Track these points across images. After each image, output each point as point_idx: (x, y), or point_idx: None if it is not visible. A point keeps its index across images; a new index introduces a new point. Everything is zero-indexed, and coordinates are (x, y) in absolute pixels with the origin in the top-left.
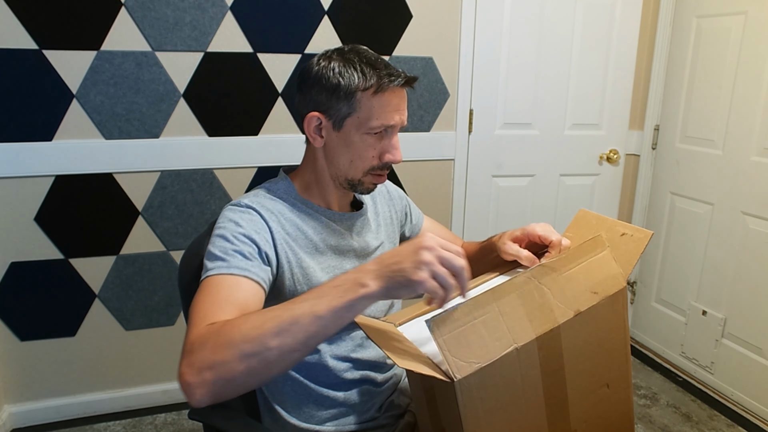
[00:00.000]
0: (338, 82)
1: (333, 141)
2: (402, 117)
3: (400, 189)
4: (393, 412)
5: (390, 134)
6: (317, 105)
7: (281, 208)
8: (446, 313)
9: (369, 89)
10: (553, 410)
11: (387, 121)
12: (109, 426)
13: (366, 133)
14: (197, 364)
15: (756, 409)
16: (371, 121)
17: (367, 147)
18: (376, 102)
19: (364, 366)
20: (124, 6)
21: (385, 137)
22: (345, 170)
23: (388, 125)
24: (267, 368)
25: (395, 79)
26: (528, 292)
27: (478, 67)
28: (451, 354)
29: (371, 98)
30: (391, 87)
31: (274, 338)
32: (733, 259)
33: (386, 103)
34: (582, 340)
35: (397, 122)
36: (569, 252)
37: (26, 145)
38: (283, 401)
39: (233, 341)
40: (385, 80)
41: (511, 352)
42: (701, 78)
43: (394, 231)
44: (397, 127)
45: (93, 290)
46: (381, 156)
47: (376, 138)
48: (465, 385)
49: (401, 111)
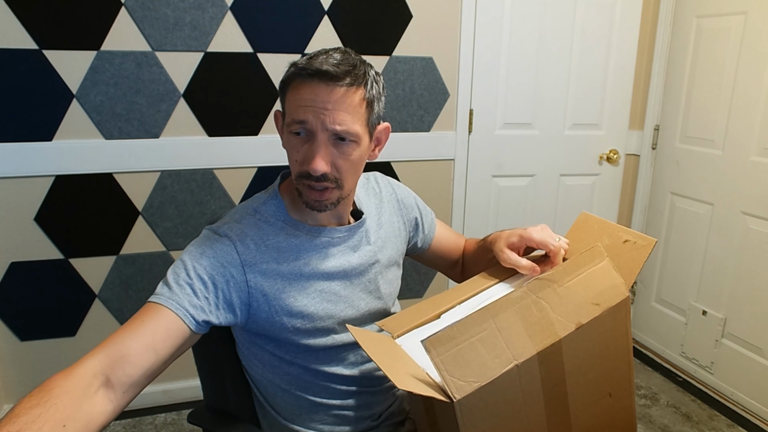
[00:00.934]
0: (284, 76)
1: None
2: (321, 117)
3: (411, 195)
4: (393, 420)
5: (313, 138)
6: (281, 102)
7: (266, 233)
8: (442, 332)
9: (288, 81)
10: (555, 422)
11: (296, 116)
12: (109, 426)
13: (289, 133)
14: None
15: (756, 409)
16: (288, 116)
17: (291, 148)
18: (292, 95)
19: (359, 381)
20: (124, 6)
21: (307, 142)
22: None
23: (297, 120)
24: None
25: (305, 70)
26: (525, 307)
27: (478, 67)
28: (449, 374)
29: (290, 92)
30: (300, 79)
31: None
32: (733, 259)
33: (299, 97)
34: (584, 352)
35: (308, 120)
36: (566, 264)
37: (26, 145)
38: (278, 409)
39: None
40: (295, 71)
41: (512, 369)
42: (701, 78)
43: (401, 243)
44: (317, 131)
45: (93, 290)
46: (302, 163)
47: (299, 140)
48: (465, 405)
49: (319, 110)
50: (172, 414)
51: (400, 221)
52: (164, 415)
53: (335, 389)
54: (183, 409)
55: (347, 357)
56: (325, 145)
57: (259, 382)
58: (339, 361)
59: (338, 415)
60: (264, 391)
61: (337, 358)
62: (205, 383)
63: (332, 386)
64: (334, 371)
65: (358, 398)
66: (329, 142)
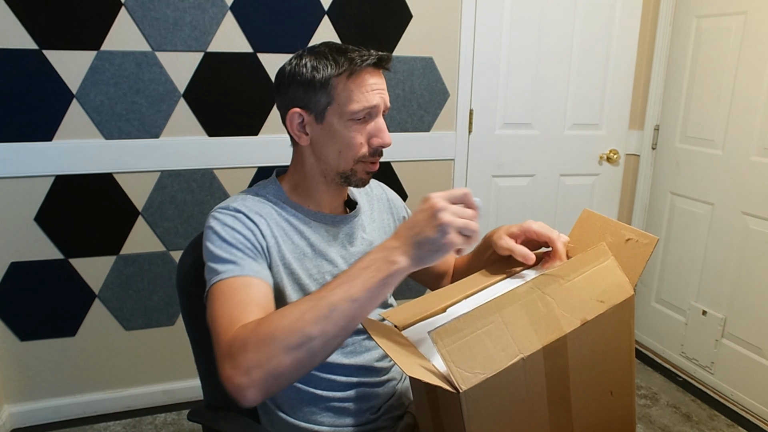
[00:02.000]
0: (312, 75)
1: (318, 135)
2: (383, 97)
3: (400, 200)
4: (392, 414)
5: (374, 117)
6: (296, 101)
7: (269, 210)
8: (449, 323)
9: (343, 74)
10: (557, 418)
11: (367, 102)
12: (109, 426)
13: (349, 120)
14: (244, 365)
15: (756, 409)
16: (351, 105)
17: (353, 134)
18: (352, 85)
19: (358, 371)
20: (124, 6)
21: (369, 121)
22: (335, 163)
23: (369, 106)
24: (312, 358)
25: (367, 58)
26: (531, 302)
27: (478, 67)
28: (455, 365)
29: (347, 83)
30: (364, 67)
31: (315, 327)
32: (733, 259)
33: (363, 84)
34: (588, 349)
35: (378, 102)
36: (572, 261)
37: (26, 145)
38: (279, 403)
39: (275, 337)
40: (357, 61)
41: (517, 362)
42: (701, 78)
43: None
44: (380, 109)
45: (93, 290)
46: (369, 142)
47: (360, 124)
48: (470, 396)
49: (381, 91)
50: (172, 414)
51: (390, 218)
52: (164, 415)
53: (335, 381)
54: (183, 409)
55: (346, 344)
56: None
57: None
58: (338, 349)
59: (338, 408)
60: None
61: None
62: (205, 380)
63: (332, 378)
64: (334, 360)
65: (358, 391)
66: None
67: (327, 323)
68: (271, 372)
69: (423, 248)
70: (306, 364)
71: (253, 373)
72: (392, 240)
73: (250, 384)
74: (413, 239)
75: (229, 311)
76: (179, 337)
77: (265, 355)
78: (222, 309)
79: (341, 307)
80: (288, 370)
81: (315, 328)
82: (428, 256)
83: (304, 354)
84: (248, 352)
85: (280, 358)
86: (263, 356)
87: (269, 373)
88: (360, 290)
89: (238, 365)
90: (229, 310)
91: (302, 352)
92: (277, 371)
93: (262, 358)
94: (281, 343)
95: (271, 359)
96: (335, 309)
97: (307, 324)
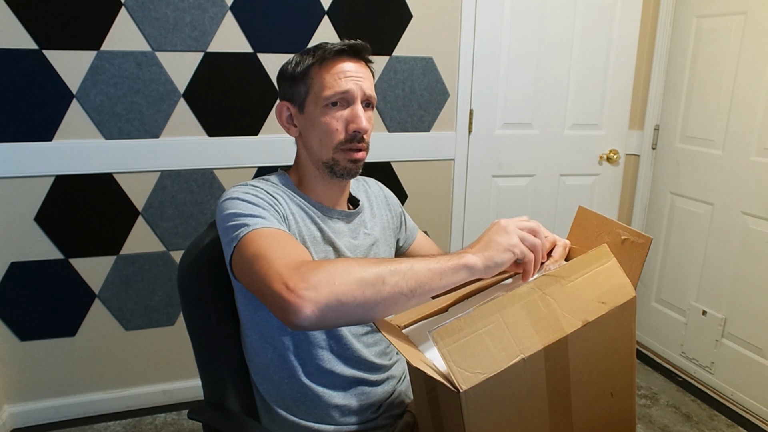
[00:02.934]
0: (293, 69)
1: (302, 125)
2: (360, 85)
3: (395, 197)
4: (392, 412)
5: (351, 104)
6: (285, 95)
7: (280, 196)
8: (449, 323)
9: (316, 63)
10: (557, 419)
11: (339, 87)
12: (109, 426)
13: (324, 107)
14: (314, 280)
15: (756, 409)
16: (324, 92)
17: (328, 120)
18: (325, 73)
19: (359, 366)
20: (124, 6)
21: (346, 107)
22: (318, 152)
23: (341, 91)
24: (375, 304)
25: (336, 46)
26: (532, 303)
27: (478, 67)
28: (456, 364)
29: (320, 70)
30: (334, 55)
31: (391, 276)
32: (733, 259)
33: (336, 71)
34: (589, 350)
35: (351, 88)
36: (573, 262)
37: (26, 145)
38: (280, 400)
39: (352, 269)
40: (328, 49)
41: (518, 363)
42: (701, 78)
43: (391, 236)
44: (356, 95)
45: (93, 290)
46: (346, 128)
47: (336, 110)
48: (470, 396)
49: (357, 79)
50: (172, 414)
51: (389, 214)
52: (164, 415)
53: (336, 379)
54: (183, 409)
55: (346, 344)
56: (362, 108)
57: (267, 369)
58: (339, 349)
59: (339, 406)
60: (268, 381)
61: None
62: (205, 379)
63: (333, 376)
64: (335, 358)
65: (358, 389)
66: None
67: (401, 277)
68: (338, 296)
69: (491, 248)
70: (368, 306)
71: (321, 290)
72: (465, 248)
73: (314, 299)
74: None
75: (281, 247)
76: (179, 337)
77: (338, 279)
78: (272, 245)
79: (417, 268)
80: (352, 303)
81: (391, 276)
82: (496, 256)
83: (372, 293)
84: (320, 272)
85: (352, 286)
86: (335, 280)
87: (336, 296)
88: (436, 266)
89: (307, 279)
90: (281, 247)
91: (371, 291)
92: (343, 298)
93: (334, 280)
94: (357, 274)
95: (342, 285)
96: (412, 269)
97: (384, 269)
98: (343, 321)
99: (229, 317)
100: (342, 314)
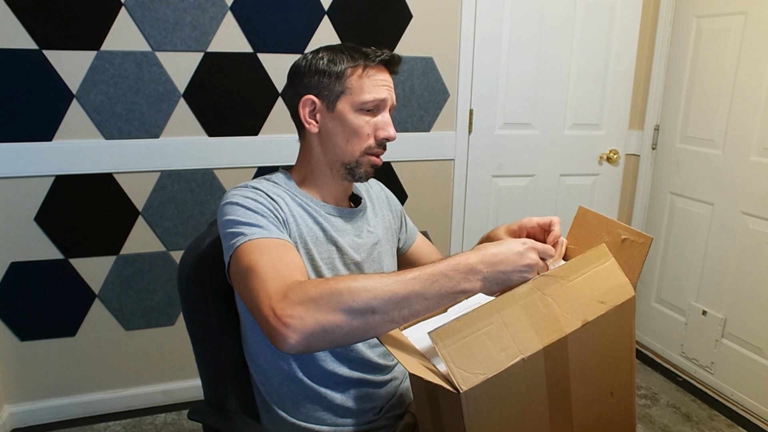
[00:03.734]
0: (329, 65)
1: (328, 124)
2: (391, 95)
3: (395, 198)
4: (393, 413)
5: (381, 111)
6: (310, 89)
7: (284, 194)
8: (448, 324)
9: (358, 66)
10: (557, 419)
11: (378, 94)
12: (109, 426)
13: (359, 111)
14: (300, 309)
15: (756, 409)
16: (363, 96)
17: (361, 124)
18: (365, 77)
19: (362, 367)
20: (124, 6)
21: (377, 114)
22: (342, 153)
23: (380, 99)
24: (364, 332)
25: (381, 54)
26: (532, 303)
27: (478, 67)
28: (456, 365)
29: (361, 74)
30: (378, 62)
31: (382, 305)
32: (733, 259)
33: (377, 78)
34: (589, 350)
35: (387, 97)
36: (572, 262)
37: (26, 145)
38: (281, 401)
39: (341, 297)
40: (371, 56)
41: (518, 363)
42: (701, 78)
43: (393, 235)
44: (388, 105)
45: (93, 290)
46: (375, 134)
47: (368, 115)
48: (471, 397)
49: (390, 89)
50: (172, 414)
51: (390, 214)
52: (164, 415)
53: (337, 380)
54: (183, 409)
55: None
56: (389, 117)
57: (267, 370)
58: (339, 349)
59: (339, 407)
60: (269, 382)
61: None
62: (205, 379)
63: (334, 377)
64: (337, 359)
65: (360, 390)
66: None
67: (394, 306)
68: (324, 326)
69: (500, 281)
70: (357, 335)
71: (307, 319)
72: (479, 261)
73: (299, 329)
74: (498, 269)
75: (273, 263)
76: (179, 337)
77: (326, 307)
78: (263, 261)
79: (413, 299)
80: (340, 332)
81: (382, 304)
82: (499, 287)
83: (360, 323)
84: (307, 301)
85: (339, 316)
86: (323, 307)
87: (322, 325)
88: (434, 293)
89: (293, 306)
90: (273, 262)
91: (360, 321)
92: (329, 327)
93: (321, 311)
94: (345, 303)
95: (330, 313)
96: (407, 299)
97: (376, 298)
98: (332, 347)
99: (229, 317)
100: (329, 342)
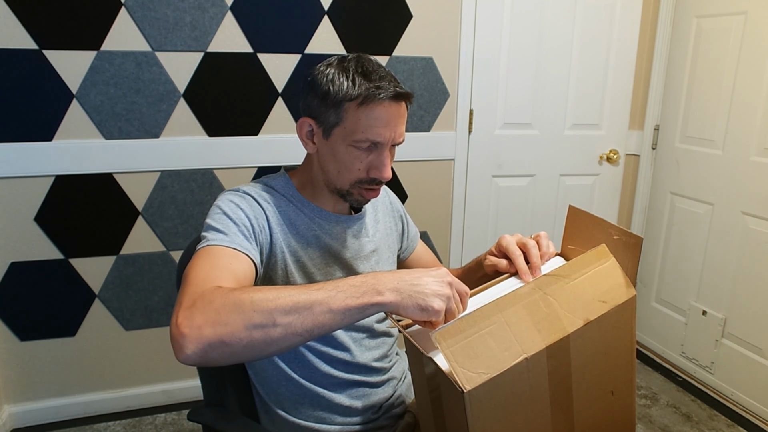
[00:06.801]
0: (328, 89)
1: (323, 148)
2: (393, 133)
3: (399, 202)
4: (392, 413)
5: (380, 149)
6: (310, 110)
7: (278, 200)
8: (451, 324)
9: (355, 100)
10: (559, 417)
11: (373, 136)
12: (109, 426)
13: (351, 146)
14: (199, 320)
15: (756, 409)
16: (356, 134)
17: (353, 160)
18: (362, 114)
19: (358, 370)
20: (124, 6)
21: (373, 151)
22: (333, 179)
23: (374, 141)
24: (266, 344)
25: (383, 92)
26: (534, 302)
27: (478, 67)
28: (459, 365)
29: (357, 110)
30: (378, 100)
31: (284, 316)
32: (733, 259)
33: (374, 116)
34: (590, 349)
35: (385, 139)
36: (572, 262)
37: (26, 145)
38: (280, 401)
39: (242, 308)
40: (372, 92)
41: (521, 362)
42: (701, 78)
43: (394, 242)
44: (387, 144)
45: (93, 290)
46: (368, 171)
47: (363, 152)
48: (474, 396)
49: (392, 127)
50: (172, 414)
51: (392, 221)
52: (164, 415)
53: (337, 380)
54: (183, 409)
55: (348, 345)
56: (389, 153)
57: (265, 371)
58: (340, 349)
59: (339, 407)
60: (268, 382)
61: (338, 339)
62: (205, 380)
63: (334, 377)
64: (336, 359)
65: (359, 390)
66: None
67: (296, 318)
68: (222, 338)
69: (413, 300)
70: (257, 348)
71: (205, 330)
72: (390, 275)
73: (196, 339)
74: (412, 287)
75: (205, 270)
76: None
77: (225, 319)
78: (200, 267)
79: (316, 310)
80: (238, 345)
81: (284, 316)
82: (411, 309)
83: (260, 336)
84: (209, 311)
85: (238, 329)
86: (222, 320)
87: (219, 338)
88: (340, 305)
89: (193, 317)
90: (206, 270)
91: (260, 334)
92: (228, 339)
93: (221, 322)
94: (245, 316)
95: (228, 326)
96: (310, 309)
97: (277, 309)
98: (233, 360)
99: None
100: (229, 355)
